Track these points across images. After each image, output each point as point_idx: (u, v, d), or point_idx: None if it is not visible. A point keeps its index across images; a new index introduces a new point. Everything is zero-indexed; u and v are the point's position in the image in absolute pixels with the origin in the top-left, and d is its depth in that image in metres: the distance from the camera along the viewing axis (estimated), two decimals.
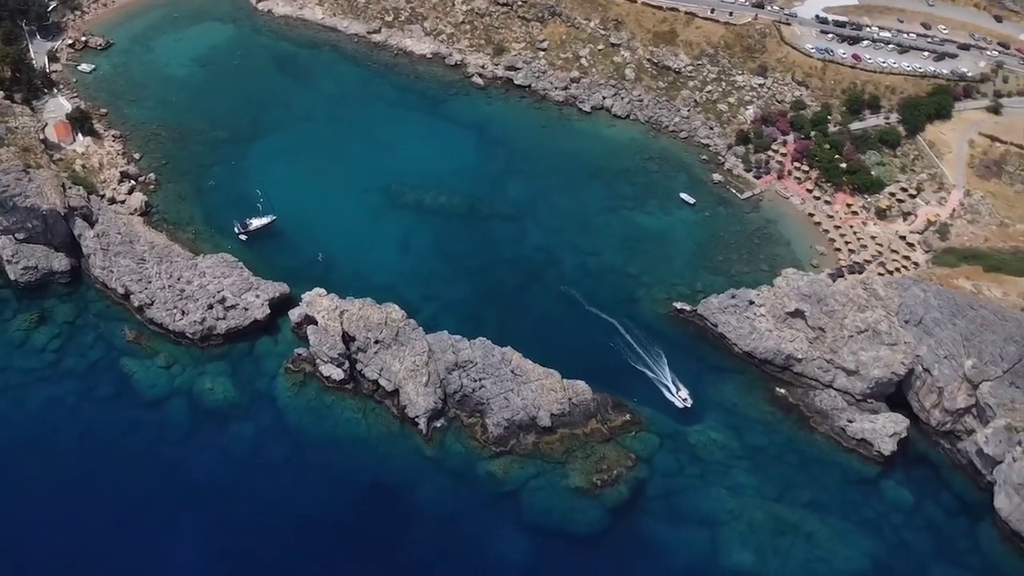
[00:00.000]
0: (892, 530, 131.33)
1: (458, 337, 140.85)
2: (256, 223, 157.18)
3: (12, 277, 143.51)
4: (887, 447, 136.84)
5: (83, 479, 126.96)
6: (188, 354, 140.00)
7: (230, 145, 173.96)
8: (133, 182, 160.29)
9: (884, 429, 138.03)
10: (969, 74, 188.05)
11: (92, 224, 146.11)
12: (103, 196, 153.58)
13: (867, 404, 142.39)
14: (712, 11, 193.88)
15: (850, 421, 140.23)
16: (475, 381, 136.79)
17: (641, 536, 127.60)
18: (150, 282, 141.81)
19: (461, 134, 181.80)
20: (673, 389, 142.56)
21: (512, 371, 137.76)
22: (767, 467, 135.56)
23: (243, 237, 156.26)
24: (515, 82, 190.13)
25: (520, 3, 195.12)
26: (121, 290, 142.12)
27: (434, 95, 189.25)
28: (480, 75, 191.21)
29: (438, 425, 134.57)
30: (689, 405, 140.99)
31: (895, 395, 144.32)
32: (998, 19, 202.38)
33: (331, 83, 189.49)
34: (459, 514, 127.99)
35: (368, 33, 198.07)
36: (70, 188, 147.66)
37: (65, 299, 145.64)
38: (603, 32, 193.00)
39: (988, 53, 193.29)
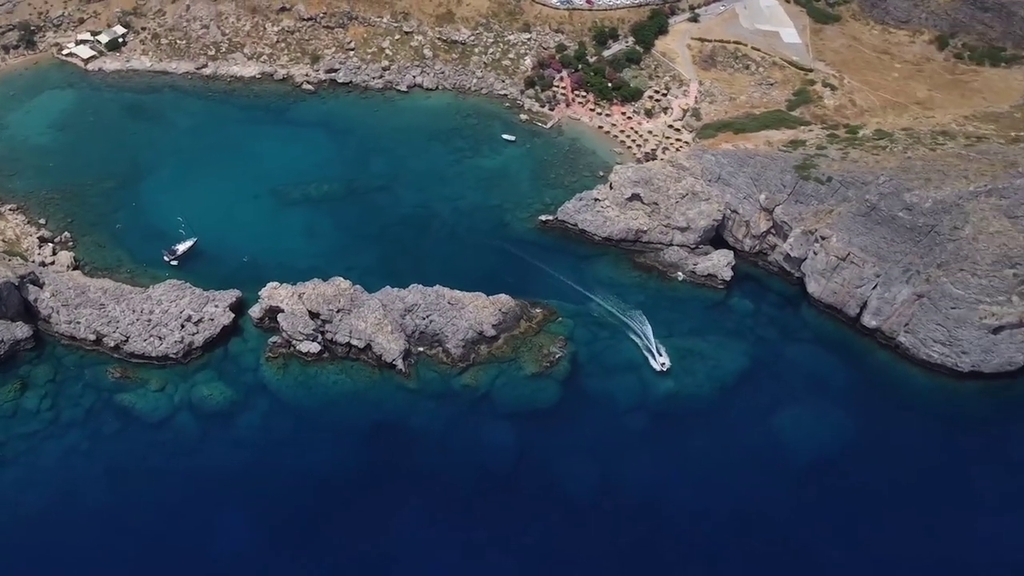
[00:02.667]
0: (748, 331, 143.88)
1: (397, 289, 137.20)
2: (182, 247, 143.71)
3: None
4: (726, 275, 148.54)
5: (124, 506, 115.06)
6: (175, 372, 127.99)
7: (121, 190, 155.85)
8: (52, 244, 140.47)
9: (720, 262, 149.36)
10: None
11: (42, 287, 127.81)
12: (35, 262, 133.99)
13: (700, 249, 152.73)
14: None
15: (695, 264, 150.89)
16: (424, 319, 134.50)
17: (590, 393, 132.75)
18: (118, 321, 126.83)
19: (313, 133, 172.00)
20: (656, 355, 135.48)
21: (448, 303, 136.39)
22: (652, 314, 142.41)
23: (174, 263, 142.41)
24: (338, 81, 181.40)
25: (321, 16, 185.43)
26: (93, 336, 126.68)
27: (276, 107, 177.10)
28: (307, 82, 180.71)
29: (411, 362, 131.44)
30: (666, 369, 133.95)
31: (715, 238, 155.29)
32: None
33: (184, 117, 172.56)
34: (451, 424, 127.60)
35: (197, 69, 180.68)
36: (9, 260, 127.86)
37: (37, 362, 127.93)
38: (396, 24, 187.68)
39: None
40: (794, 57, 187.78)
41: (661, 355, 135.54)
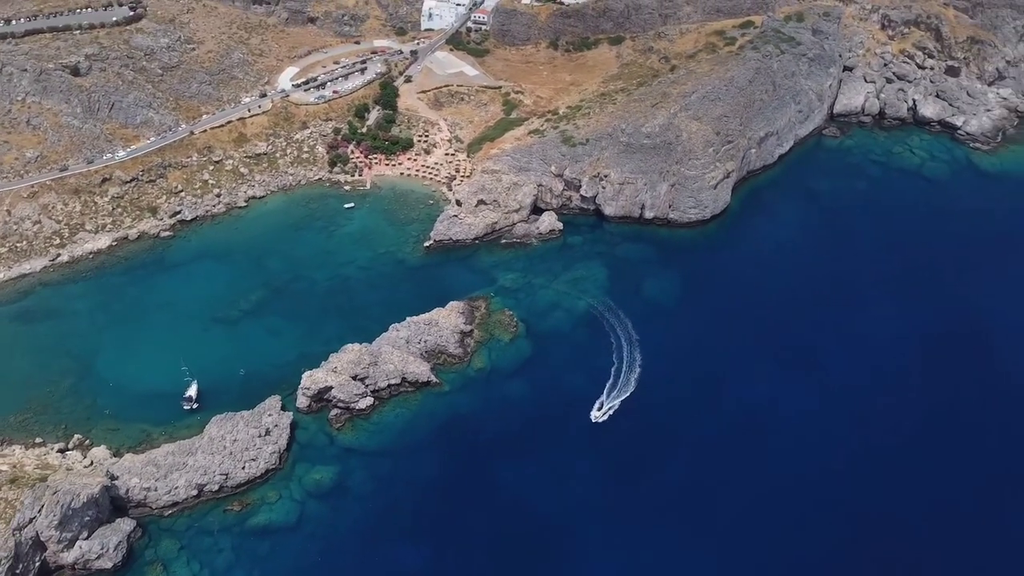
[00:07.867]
0: (588, 253, 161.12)
1: (386, 332, 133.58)
2: (193, 391, 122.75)
3: (111, 565, 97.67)
4: (559, 226, 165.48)
5: None
6: (279, 479, 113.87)
7: (83, 381, 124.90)
8: (75, 450, 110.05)
9: (551, 220, 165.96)
10: (380, 71, 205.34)
11: (119, 478, 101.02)
12: (80, 473, 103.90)
13: (532, 219, 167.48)
14: (249, 111, 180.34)
15: (538, 229, 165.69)
16: (421, 341, 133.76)
17: (549, 332, 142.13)
18: (207, 468, 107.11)
19: (201, 265, 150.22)
20: (599, 407, 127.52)
21: (425, 324, 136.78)
22: (534, 270, 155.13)
23: (195, 406, 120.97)
24: (187, 219, 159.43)
25: (140, 173, 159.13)
26: (195, 492, 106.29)
27: (151, 260, 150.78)
28: (162, 230, 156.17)
29: (436, 374, 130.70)
30: (597, 422, 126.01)
31: (536, 208, 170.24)
32: (356, 42, 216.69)
33: (77, 302, 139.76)
34: (486, 397, 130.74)
35: (53, 261, 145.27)
36: (70, 471, 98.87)
37: (155, 542, 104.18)
38: (204, 158, 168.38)
39: (375, 59, 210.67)
40: (484, 83, 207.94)
41: (603, 410, 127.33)
